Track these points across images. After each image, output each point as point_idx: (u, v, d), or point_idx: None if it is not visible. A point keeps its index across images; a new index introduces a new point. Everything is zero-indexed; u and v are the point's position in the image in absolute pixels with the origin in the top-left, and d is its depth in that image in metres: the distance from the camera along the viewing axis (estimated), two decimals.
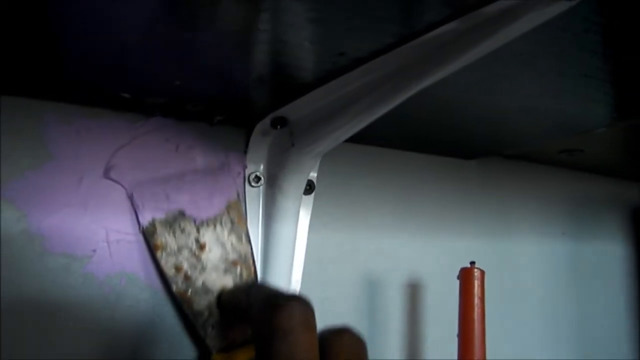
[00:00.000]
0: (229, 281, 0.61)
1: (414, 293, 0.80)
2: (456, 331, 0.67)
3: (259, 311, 0.42)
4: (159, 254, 0.59)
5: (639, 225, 1.14)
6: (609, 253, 1.09)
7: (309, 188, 0.70)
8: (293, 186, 0.64)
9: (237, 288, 0.60)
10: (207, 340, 0.58)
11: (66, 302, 0.57)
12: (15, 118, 0.57)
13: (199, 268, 0.60)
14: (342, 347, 0.41)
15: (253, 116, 0.63)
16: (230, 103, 0.60)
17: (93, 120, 0.60)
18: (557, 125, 0.69)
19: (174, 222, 0.60)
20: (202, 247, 0.60)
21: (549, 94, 0.57)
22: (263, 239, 0.66)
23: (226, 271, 0.61)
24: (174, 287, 0.58)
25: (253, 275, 0.63)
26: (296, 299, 0.42)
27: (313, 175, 0.70)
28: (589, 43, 0.44)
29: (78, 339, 0.57)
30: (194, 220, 0.61)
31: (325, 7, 0.39)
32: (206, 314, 0.59)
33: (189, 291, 0.59)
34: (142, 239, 0.60)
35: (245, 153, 0.66)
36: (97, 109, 0.61)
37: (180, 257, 0.59)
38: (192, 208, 0.61)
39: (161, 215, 0.60)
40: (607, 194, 1.10)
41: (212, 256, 0.61)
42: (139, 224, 0.60)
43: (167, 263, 0.59)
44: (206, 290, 0.59)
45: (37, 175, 0.57)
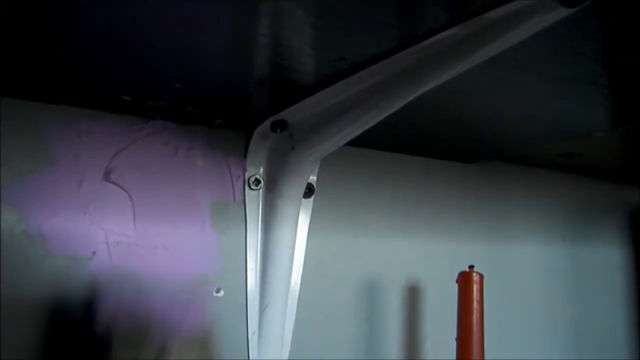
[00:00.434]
0: None
1: (412, 296, 0.80)
2: (455, 334, 0.67)
3: None
4: None
5: (637, 229, 1.14)
6: (607, 256, 1.09)
7: (309, 191, 0.70)
8: (293, 189, 0.64)
9: None
10: None
11: (67, 304, 0.57)
12: (16, 121, 0.57)
13: None
14: None
15: (253, 119, 0.63)
16: (230, 106, 0.61)
17: (93, 123, 0.60)
18: (556, 129, 0.69)
19: None
20: None
21: (548, 98, 0.57)
22: (262, 242, 0.66)
23: None
24: None
25: None
26: None
27: (312, 179, 0.70)
28: (587, 49, 0.44)
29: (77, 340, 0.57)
30: None
31: (326, 12, 0.39)
32: None
33: None
34: (141, 240, 0.61)
35: (245, 156, 0.66)
36: (97, 111, 0.61)
37: None
38: None
39: None
40: (606, 197, 1.10)
41: None
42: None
43: None
44: None
45: (38, 179, 0.57)
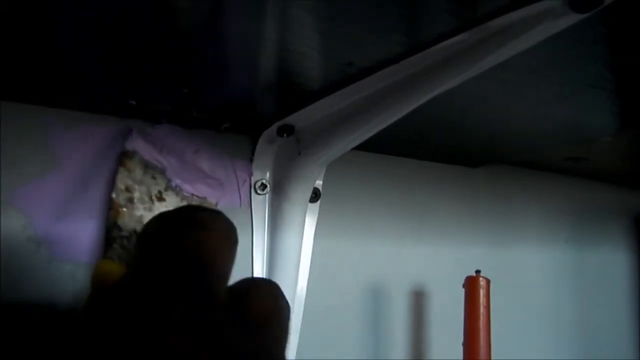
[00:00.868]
0: None
1: (419, 301, 0.80)
2: (461, 339, 0.67)
3: None
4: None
5: None
6: (612, 261, 1.09)
7: (315, 196, 0.70)
8: (299, 194, 0.64)
9: None
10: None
11: (72, 309, 0.57)
12: (22, 125, 0.57)
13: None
14: (258, 296, 0.32)
15: (259, 124, 0.63)
16: (236, 110, 0.60)
17: (99, 127, 0.60)
18: (563, 134, 0.69)
19: None
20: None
21: (555, 103, 0.57)
22: (269, 247, 0.66)
23: None
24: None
25: None
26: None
27: (319, 183, 0.70)
28: (596, 54, 0.44)
29: None
30: None
31: (334, 18, 0.39)
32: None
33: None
34: None
35: (252, 160, 0.66)
36: (103, 115, 0.61)
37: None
38: None
39: None
40: (611, 201, 1.10)
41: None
42: None
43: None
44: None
45: (43, 182, 0.57)
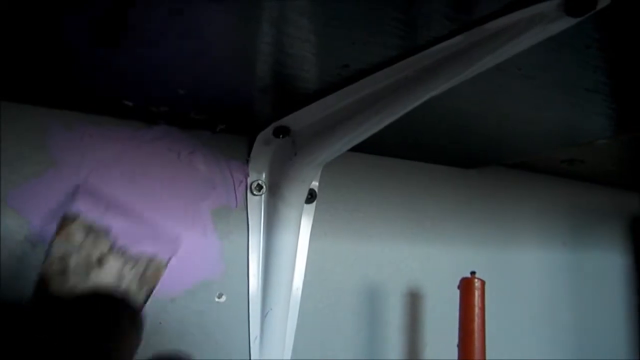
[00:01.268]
0: None
1: (414, 302, 0.80)
2: (456, 340, 0.67)
3: None
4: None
5: (638, 235, 1.14)
6: (608, 262, 1.09)
7: (311, 197, 0.70)
8: (295, 195, 0.64)
9: None
10: None
11: None
12: (19, 125, 0.57)
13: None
14: None
15: (256, 125, 0.63)
16: (233, 112, 0.61)
17: (96, 128, 0.61)
18: (558, 137, 0.69)
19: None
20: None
21: (551, 106, 0.57)
22: (264, 247, 0.66)
23: None
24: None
25: None
26: None
27: (315, 184, 0.70)
28: (590, 58, 0.45)
29: None
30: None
31: (330, 21, 0.39)
32: None
33: None
34: None
35: (248, 161, 0.67)
36: (100, 116, 0.61)
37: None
38: None
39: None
40: (607, 204, 1.10)
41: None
42: None
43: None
44: None
45: (40, 183, 0.57)
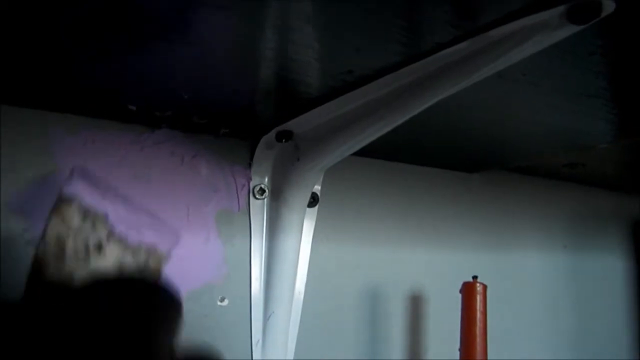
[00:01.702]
0: None
1: (416, 305, 0.80)
2: (457, 344, 0.67)
3: None
4: None
5: (639, 238, 1.14)
6: (609, 265, 1.09)
7: (313, 201, 0.70)
8: (297, 199, 0.64)
9: None
10: None
11: None
12: (21, 129, 0.57)
13: None
14: None
15: (258, 129, 0.64)
16: (236, 116, 0.61)
17: (99, 132, 0.61)
18: (560, 141, 0.70)
19: None
20: None
21: (553, 111, 0.57)
22: (267, 251, 0.66)
23: None
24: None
25: None
26: None
27: (317, 188, 0.70)
28: (593, 64, 0.45)
29: None
30: None
31: (334, 27, 0.39)
32: None
33: None
34: None
35: (250, 165, 0.67)
36: (103, 120, 0.61)
37: None
38: None
39: None
40: (608, 207, 1.10)
41: None
42: None
43: None
44: None
45: (43, 187, 0.57)
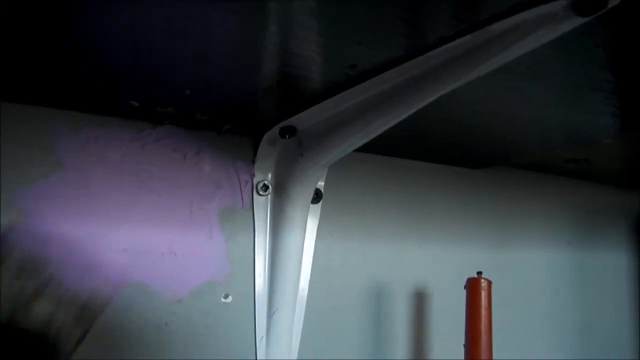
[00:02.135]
0: None
1: (420, 302, 0.80)
2: (462, 340, 0.67)
3: None
4: None
5: None
6: (614, 261, 1.09)
7: (317, 197, 0.70)
8: (301, 195, 0.64)
9: None
10: None
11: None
12: (24, 126, 0.57)
13: None
14: None
15: (261, 125, 0.63)
16: (239, 112, 0.61)
17: (101, 128, 0.61)
18: (564, 136, 0.69)
19: None
20: None
21: (556, 105, 0.57)
22: (270, 247, 0.66)
23: None
24: None
25: None
26: None
27: (321, 184, 0.70)
28: (598, 57, 0.44)
29: (86, 346, 0.57)
30: None
31: (337, 22, 0.39)
32: None
33: None
34: (149, 246, 0.61)
35: (253, 162, 0.67)
36: (106, 117, 0.61)
37: None
38: None
39: None
40: (613, 203, 1.10)
41: None
42: None
43: None
44: None
45: (46, 184, 0.57)
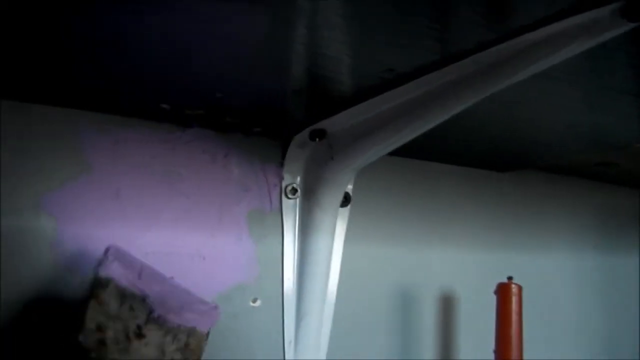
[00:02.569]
0: None
1: (448, 306, 0.80)
2: (491, 346, 0.67)
3: None
4: None
5: None
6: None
7: (345, 200, 0.69)
8: (330, 199, 0.64)
9: None
10: None
11: None
12: (54, 128, 0.57)
13: None
14: None
15: (290, 128, 0.63)
16: (268, 115, 0.61)
17: (131, 131, 0.61)
18: (594, 140, 0.68)
19: None
20: None
21: (587, 109, 0.57)
22: (299, 251, 0.66)
23: None
24: None
25: None
26: None
27: (349, 188, 0.70)
28: (630, 60, 0.44)
29: None
30: None
31: (370, 23, 0.39)
32: None
33: None
34: (178, 249, 0.61)
35: (282, 165, 0.66)
36: (134, 119, 0.61)
37: None
38: None
39: None
40: (638, 207, 1.08)
41: None
42: None
43: None
44: None
45: (75, 187, 0.57)
